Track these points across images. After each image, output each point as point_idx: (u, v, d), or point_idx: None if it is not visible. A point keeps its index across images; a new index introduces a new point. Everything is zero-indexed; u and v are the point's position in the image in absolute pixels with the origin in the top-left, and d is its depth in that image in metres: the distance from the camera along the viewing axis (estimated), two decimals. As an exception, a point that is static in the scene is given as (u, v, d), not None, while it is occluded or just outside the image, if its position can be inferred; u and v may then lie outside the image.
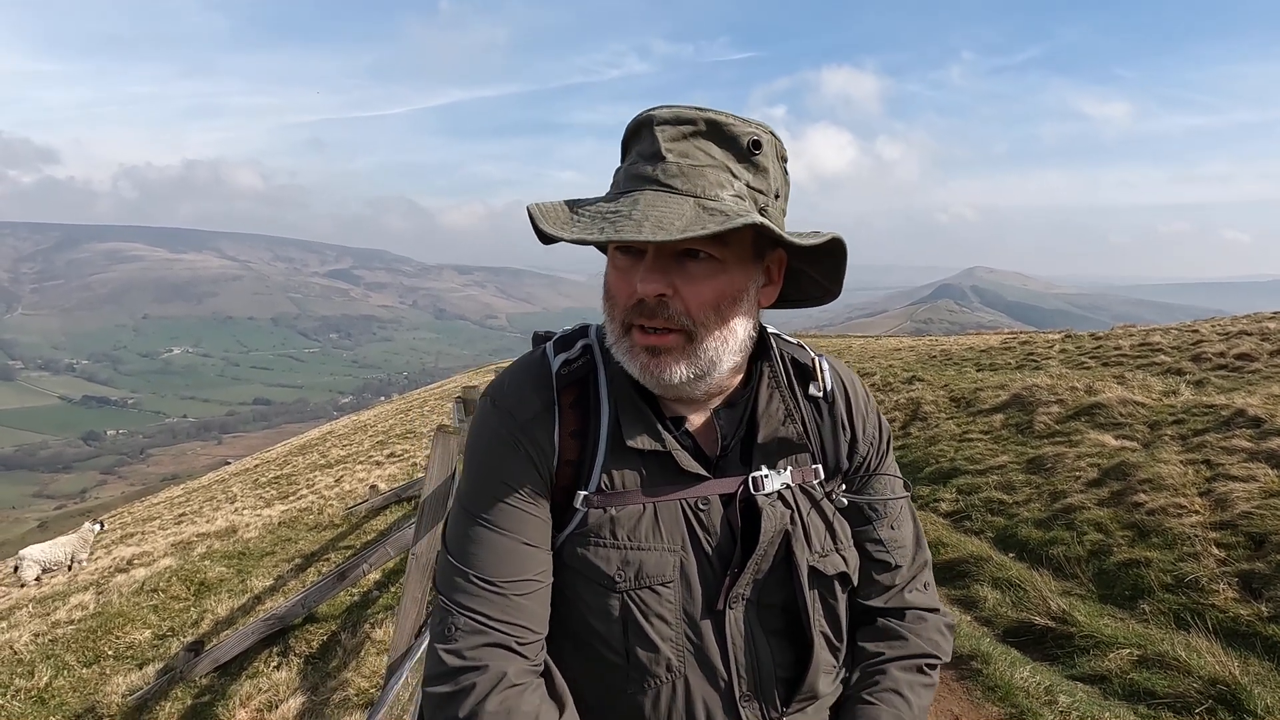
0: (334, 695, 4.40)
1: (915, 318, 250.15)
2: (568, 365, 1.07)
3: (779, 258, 1.06)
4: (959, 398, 10.01)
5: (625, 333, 0.99)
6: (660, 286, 0.94)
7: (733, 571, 1.01)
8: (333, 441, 27.53)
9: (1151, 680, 3.52)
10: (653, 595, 0.99)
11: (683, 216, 0.88)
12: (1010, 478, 6.75)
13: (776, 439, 1.07)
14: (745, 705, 1.02)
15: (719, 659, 1.01)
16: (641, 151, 0.96)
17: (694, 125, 0.94)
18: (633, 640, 0.99)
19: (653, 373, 0.98)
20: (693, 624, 1.01)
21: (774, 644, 1.04)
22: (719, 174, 0.93)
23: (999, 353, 15.43)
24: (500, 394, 1.07)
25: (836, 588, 1.08)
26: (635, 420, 1.03)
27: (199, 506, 17.82)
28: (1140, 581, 4.52)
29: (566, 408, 1.04)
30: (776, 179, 1.00)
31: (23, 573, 10.97)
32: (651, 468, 1.03)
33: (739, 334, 1.01)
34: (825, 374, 1.14)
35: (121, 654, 6.04)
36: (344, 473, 16.15)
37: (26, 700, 5.27)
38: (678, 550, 1.01)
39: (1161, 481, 5.48)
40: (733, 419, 1.07)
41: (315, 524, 10.08)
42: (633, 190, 0.93)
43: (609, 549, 1.00)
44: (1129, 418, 7.14)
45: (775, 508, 1.03)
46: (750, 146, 0.95)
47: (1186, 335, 12.49)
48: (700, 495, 1.03)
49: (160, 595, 7.33)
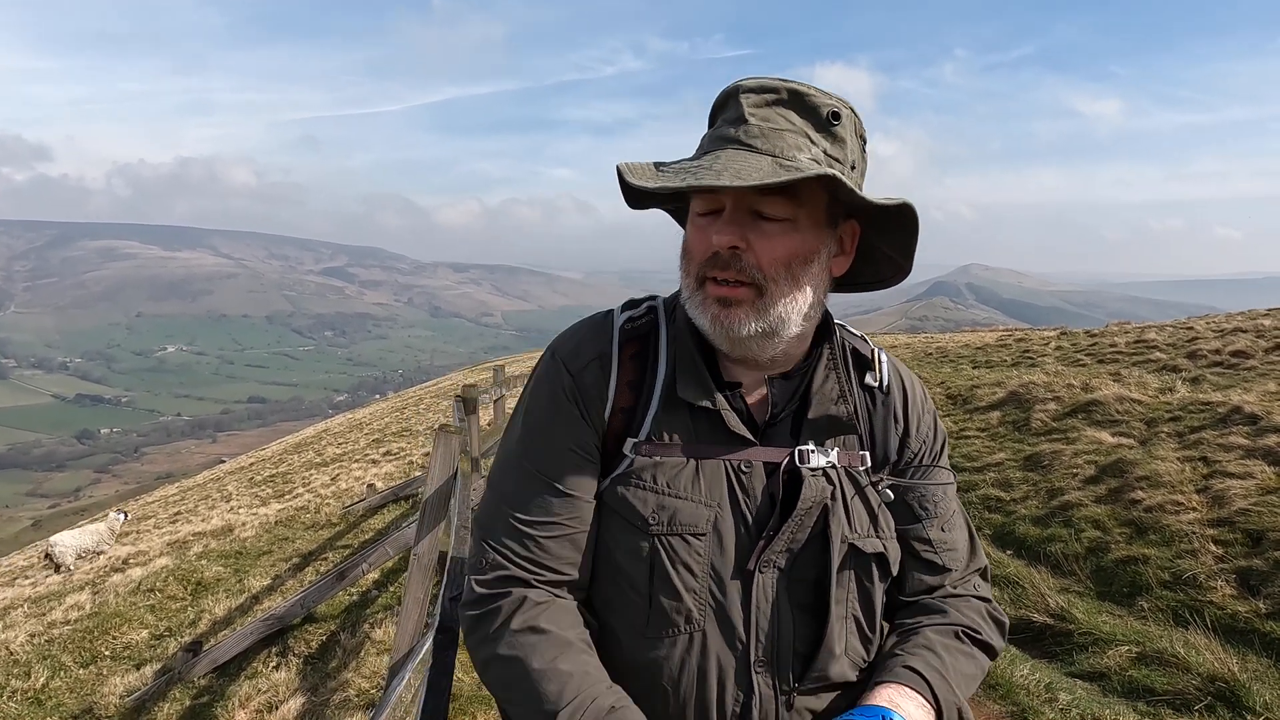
0: (334, 696, 4.39)
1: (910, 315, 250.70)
2: (631, 321, 1.13)
3: (851, 229, 1.09)
4: (956, 395, 10.03)
5: (699, 286, 1.03)
6: (734, 238, 0.98)
7: (767, 534, 1.03)
8: (328, 440, 27.47)
9: (1150, 677, 3.53)
10: (683, 544, 1.02)
11: (760, 170, 0.92)
12: (1007, 475, 6.77)
13: (827, 417, 1.08)
14: (759, 672, 1.02)
15: (740, 621, 1.02)
16: (727, 118, 1.01)
17: (777, 94, 0.99)
18: (657, 585, 1.02)
19: (723, 324, 1.01)
20: (719, 581, 1.02)
21: (799, 618, 1.05)
22: (797, 138, 0.98)
23: (995, 350, 15.46)
24: (560, 346, 1.13)
25: (874, 570, 1.08)
26: (690, 376, 1.06)
27: (194, 505, 17.77)
28: (1138, 578, 4.53)
29: (626, 360, 1.09)
30: (854, 152, 1.03)
31: (60, 558, 10.98)
32: (700, 425, 1.06)
33: (808, 296, 1.04)
34: (884, 366, 1.16)
35: (118, 654, 6.02)
36: (340, 471, 16.12)
37: (23, 701, 5.26)
38: (714, 506, 1.03)
39: (1159, 479, 5.50)
40: (786, 390, 1.10)
41: (312, 523, 10.05)
42: (715, 150, 0.98)
43: (647, 492, 1.03)
44: (1126, 415, 7.16)
45: (818, 480, 1.05)
46: (830, 117, 1.00)
47: (1182, 332, 12.54)
48: (746, 459, 1.05)
49: (157, 595, 7.31)
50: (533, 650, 0.98)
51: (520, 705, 0.98)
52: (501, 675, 1.00)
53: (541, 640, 0.99)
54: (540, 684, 0.96)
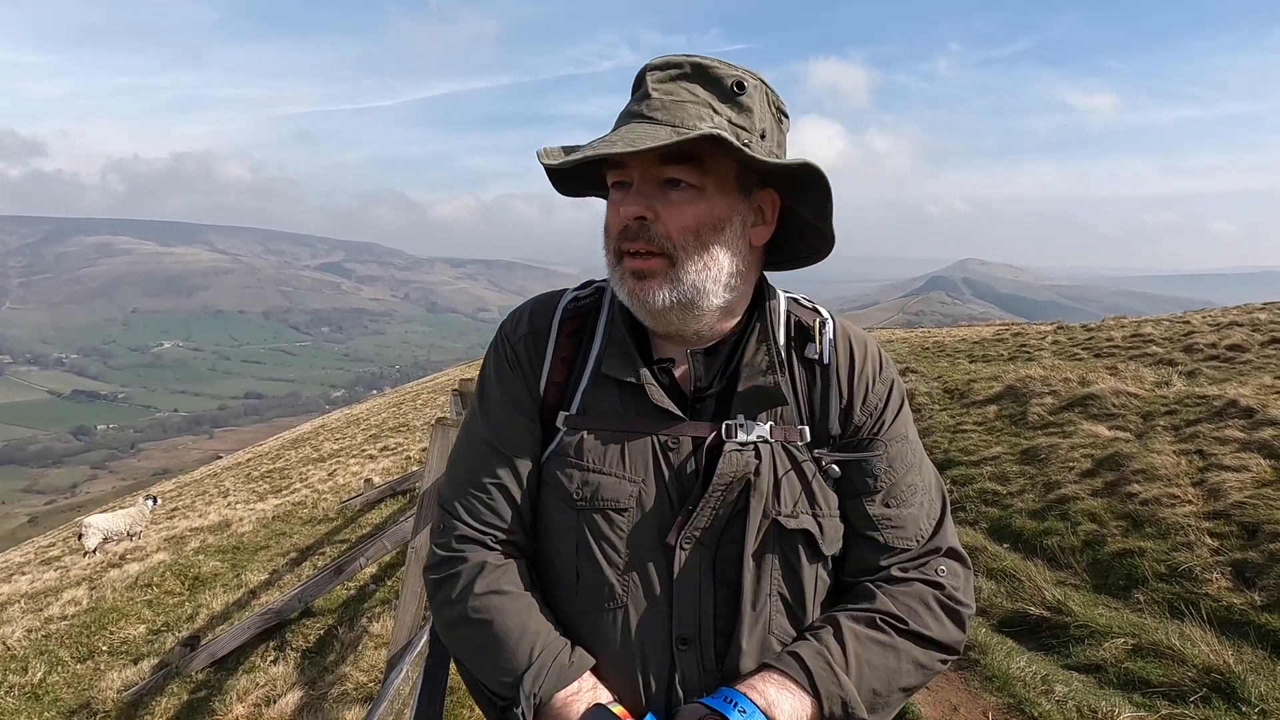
0: (332, 690, 4.39)
1: (907, 310, 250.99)
2: (576, 300, 1.16)
3: (770, 198, 1.08)
4: (952, 389, 10.04)
5: (618, 261, 1.04)
6: (640, 209, 1.00)
7: (686, 509, 1.02)
8: (325, 435, 27.45)
9: (1146, 669, 3.54)
10: (605, 520, 1.03)
11: (655, 138, 0.94)
12: (1004, 469, 6.78)
13: (755, 389, 1.06)
14: (681, 650, 1.01)
15: (662, 597, 1.02)
16: (635, 96, 1.03)
17: (680, 69, 1.01)
18: (582, 561, 1.04)
19: (639, 296, 1.03)
20: (641, 557, 1.03)
21: (721, 595, 1.03)
22: (700, 109, 0.98)
23: (992, 344, 15.48)
24: (507, 320, 1.18)
25: (800, 548, 1.05)
26: (618, 352, 1.08)
27: (191, 501, 17.75)
28: (1134, 571, 4.54)
29: (565, 336, 1.13)
30: (764, 121, 1.03)
31: (86, 540, 11.06)
32: (628, 400, 1.07)
33: (723, 265, 1.03)
34: (825, 337, 1.13)
35: (116, 649, 6.02)
36: (337, 466, 16.11)
37: (20, 696, 5.26)
38: (638, 481, 1.03)
39: (1155, 472, 5.51)
40: (711, 364, 1.09)
41: (309, 518, 10.06)
42: (620, 125, 1.00)
43: (573, 467, 1.05)
44: (1122, 408, 7.18)
45: (740, 455, 1.03)
46: (734, 87, 1.01)
47: (1178, 326, 12.57)
48: (673, 434, 1.05)
49: (154, 590, 7.31)
50: (498, 612, 1.01)
51: (487, 664, 1.01)
52: (468, 637, 1.03)
53: (506, 601, 1.02)
54: (506, 644, 0.99)
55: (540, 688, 0.96)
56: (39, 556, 15.41)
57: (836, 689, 0.96)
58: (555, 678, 0.97)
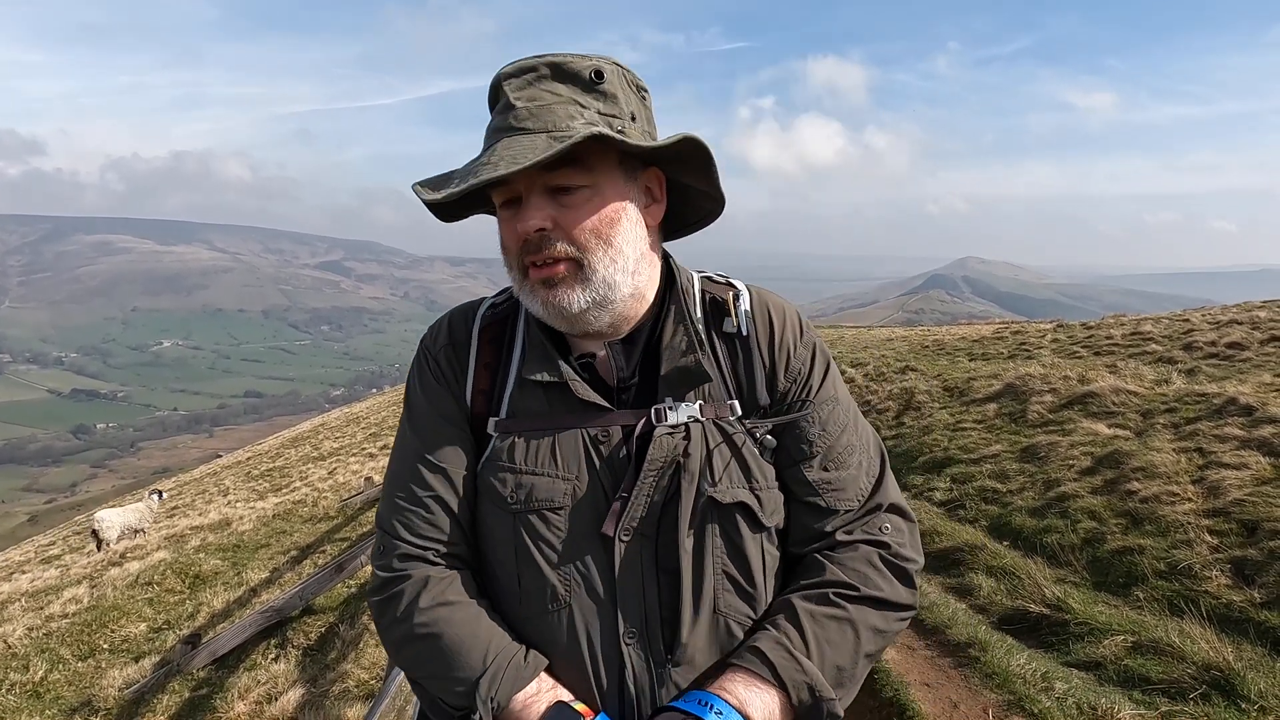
0: (333, 687, 4.40)
1: (907, 308, 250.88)
2: (494, 308, 1.16)
3: (655, 176, 1.09)
4: (952, 387, 10.05)
5: (525, 276, 1.03)
6: (539, 220, 0.99)
7: (620, 497, 1.01)
8: (325, 434, 27.47)
9: (1146, 666, 3.55)
10: (541, 520, 1.02)
11: (535, 149, 0.93)
12: (1004, 466, 6.79)
13: (678, 370, 1.06)
14: (628, 643, 1.00)
15: (605, 592, 1.01)
16: (497, 109, 1.02)
17: (536, 71, 1.00)
18: (522, 564, 1.02)
19: (553, 305, 1.01)
20: (581, 554, 1.01)
21: (665, 582, 1.02)
22: (567, 108, 0.98)
23: (991, 342, 15.48)
24: (427, 333, 1.18)
25: (739, 521, 1.04)
26: (538, 355, 1.07)
27: (191, 500, 17.77)
28: (1134, 569, 4.55)
29: (485, 343, 1.12)
30: (630, 103, 1.04)
31: (105, 534, 11.15)
32: (554, 399, 1.06)
33: (628, 254, 1.04)
34: (740, 309, 1.13)
35: (117, 648, 6.03)
36: (337, 465, 16.13)
37: (21, 694, 5.26)
38: (571, 479, 1.03)
39: (1154, 469, 5.52)
40: (631, 352, 1.09)
41: (310, 516, 10.07)
42: (492, 143, 0.99)
43: (506, 472, 1.04)
44: (1122, 406, 7.19)
45: (670, 438, 1.02)
46: (593, 77, 1.01)
47: (1178, 324, 12.57)
48: (603, 426, 1.04)
49: (155, 588, 7.32)
50: (446, 623, 0.99)
51: (441, 679, 0.99)
52: (420, 654, 1.01)
53: (453, 611, 1.00)
54: (459, 654, 0.98)
55: (497, 691, 0.95)
56: (39, 555, 15.43)
57: (801, 675, 0.96)
58: (512, 680, 0.96)
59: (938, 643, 4.14)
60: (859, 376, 12.71)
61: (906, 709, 3.46)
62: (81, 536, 16.49)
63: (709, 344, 1.11)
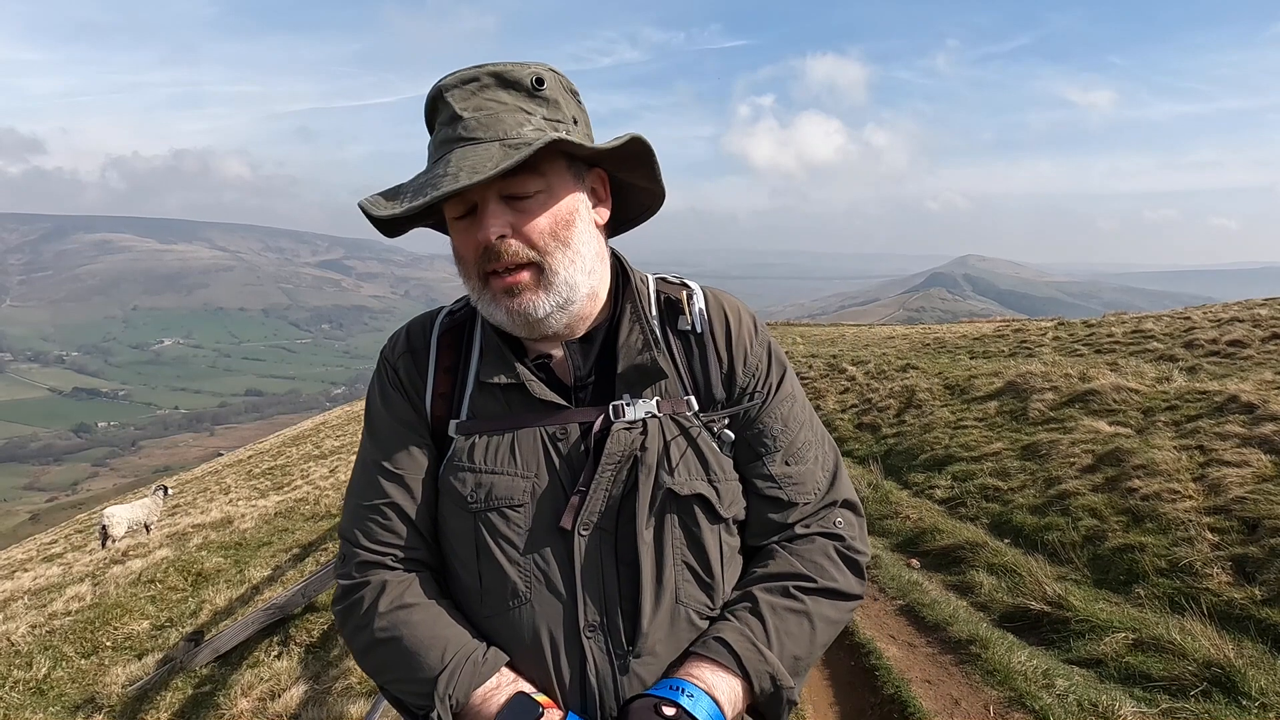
0: (336, 684, 4.41)
1: (908, 306, 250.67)
2: (451, 315, 1.18)
3: (599, 176, 1.12)
4: (953, 385, 10.05)
5: (485, 285, 1.05)
6: (499, 227, 1.00)
7: (579, 491, 1.03)
8: (326, 432, 27.49)
9: (1147, 663, 3.56)
10: (501, 518, 1.04)
11: (492, 159, 0.95)
12: (1005, 464, 6.80)
13: (634, 368, 1.08)
14: (589, 637, 1.02)
15: (564, 586, 1.03)
16: (442, 120, 1.03)
17: (479, 81, 1.02)
18: (483, 563, 1.04)
19: (518, 311, 1.03)
20: (541, 550, 1.03)
21: (624, 574, 1.04)
22: (514, 115, 1.01)
23: (992, 340, 15.49)
24: (387, 343, 1.20)
25: (697, 512, 1.06)
26: (494, 358, 1.09)
27: (193, 498, 17.79)
28: (1135, 566, 4.56)
29: (444, 348, 1.14)
30: (570, 108, 1.07)
31: (112, 530, 11.23)
32: (513, 400, 1.08)
33: (585, 254, 1.06)
34: (694, 308, 1.15)
35: (120, 645, 6.04)
36: (339, 463, 16.14)
37: (25, 691, 5.27)
38: (531, 476, 1.05)
39: (1155, 467, 5.52)
40: (587, 351, 1.12)
41: (312, 514, 10.08)
42: (442, 154, 1.00)
43: (466, 472, 1.06)
44: (1123, 404, 7.19)
45: (628, 433, 1.05)
46: (534, 84, 1.03)
47: (1179, 322, 12.56)
48: (560, 424, 1.07)
49: (157, 586, 7.33)
50: (405, 625, 1.01)
51: (403, 681, 1.01)
52: (381, 658, 1.03)
53: (411, 613, 1.02)
54: (418, 654, 0.99)
55: (455, 688, 0.97)
56: (41, 553, 15.45)
57: (763, 665, 1.00)
58: (470, 676, 0.98)
59: (939, 640, 4.15)
60: (860, 375, 12.72)
61: (908, 705, 3.47)
62: (84, 534, 16.53)
63: (665, 341, 1.13)
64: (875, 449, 8.84)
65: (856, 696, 3.79)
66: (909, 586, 4.91)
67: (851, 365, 13.71)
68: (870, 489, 7.15)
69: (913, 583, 4.99)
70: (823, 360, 15.30)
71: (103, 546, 11.43)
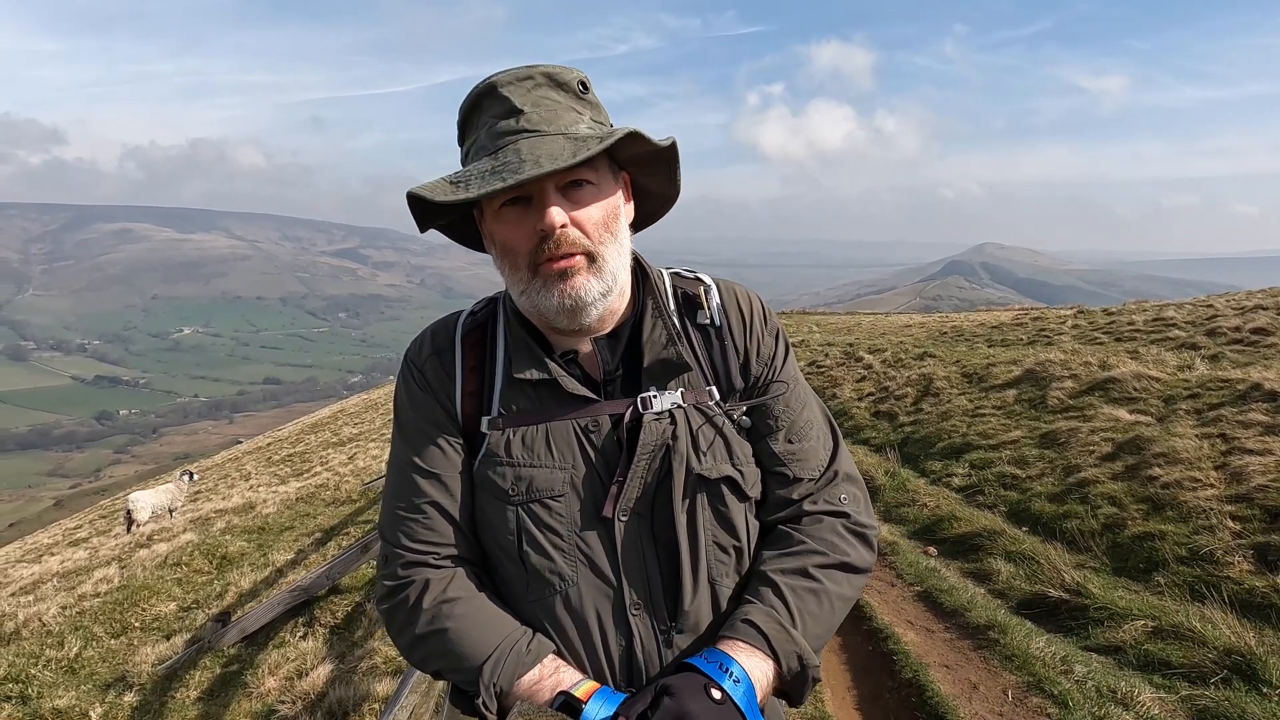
0: (361, 664, 4.49)
1: (924, 295, 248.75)
2: (472, 316, 1.23)
3: (624, 179, 1.18)
4: (971, 373, 10.01)
5: (534, 273, 1.07)
6: (561, 216, 1.04)
7: (618, 481, 1.09)
8: (344, 420, 27.74)
9: (1167, 651, 3.56)
10: (543, 508, 1.09)
11: (564, 149, 0.99)
12: (1023, 453, 6.77)
13: (659, 362, 1.14)
14: (635, 614, 1.08)
15: (609, 568, 1.09)
16: (496, 114, 1.06)
17: (533, 79, 1.07)
18: (527, 549, 1.09)
19: (570, 294, 1.06)
20: (584, 535, 1.09)
21: (664, 555, 1.10)
22: (569, 113, 1.07)
23: (1010, 329, 15.38)
24: (410, 347, 1.24)
25: (725, 493, 1.13)
26: (523, 355, 1.14)
27: (214, 484, 18.03)
28: (1155, 554, 4.55)
29: (469, 348, 1.18)
30: (604, 112, 1.14)
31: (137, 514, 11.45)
32: (544, 395, 1.13)
33: (626, 247, 1.13)
34: (712, 302, 1.22)
35: (148, 625, 6.17)
36: (357, 450, 16.30)
37: (58, 670, 5.40)
38: (568, 467, 1.10)
39: (1176, 455, 5.50)
40: (614, 346, 1.17)
41: (332, 499, 10.21)
42: (506, 144, 1.03)
43: (505, 466, 1.11)
44: (1143, 392, 7.14)
45: (659, 423, 1.11)
46: (580, 87, 1.10)
47: (1201, 310, 12.43)
48: (591, 417, 1.12)
49: (183, 569, 7.46)
50: (448, 618, 1.07)
51: (453, 670, 1.06)
52: (428, 650, 1.08)
53: (454, 607, 1.08)
54: (462, 645, 1.05)
55: (499, 676, 1.02)
56: (67, 538, 15.73)
57: (791, 646, 1.05)
58: (514, 665, 1.02)
59: (956, 625, 4.17)
60: (877, 363, 12.68)
61: (926, 689, 3.50)
62: (108, 519, 16.80)
63: (685, 335, 1.19)
64: (892, 437, 8.83)
65: (874, 680, 3.82)
66: (926, 573, 4.92)
67: (868, 353, 13.66)
68: (887, 477, 7.15)
69: (930, 569, 5.00)
70: (839, 349, 15.26)
71: (127, 531, 11.66)
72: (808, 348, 16.15)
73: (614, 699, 0.99)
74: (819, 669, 1.07)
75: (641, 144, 1.07)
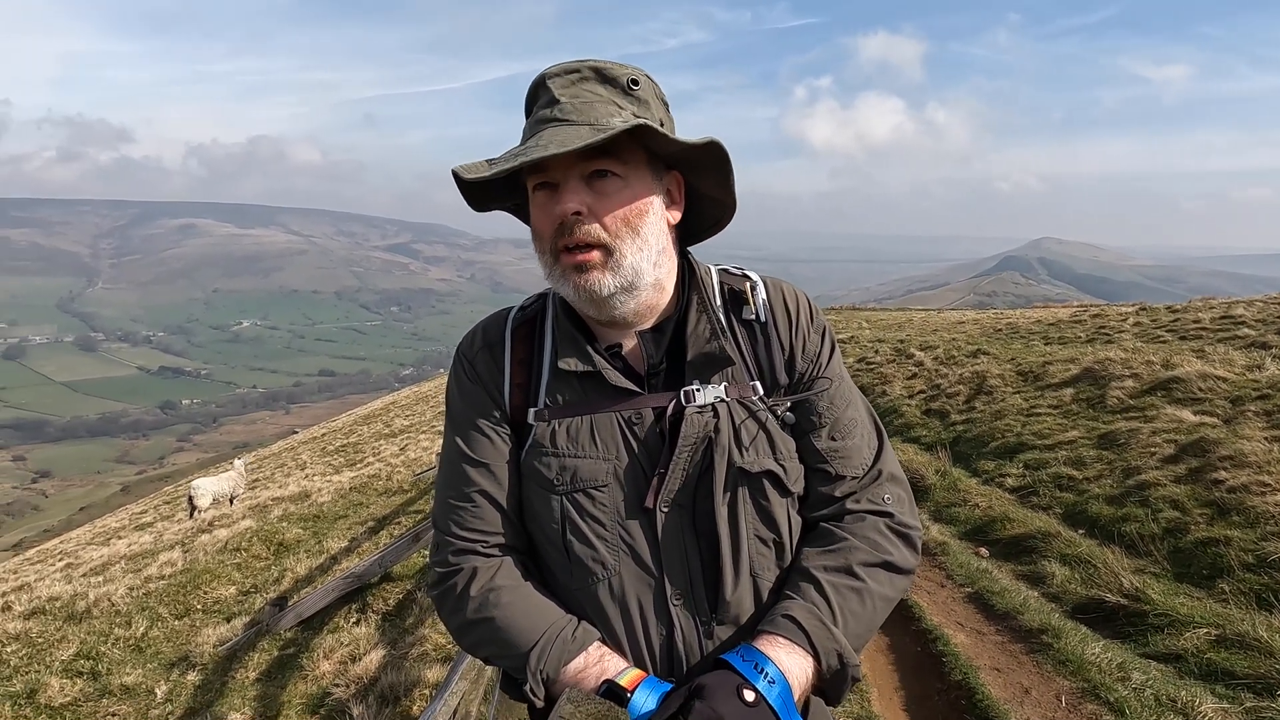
0: (412, 650, 4.60)
1: (979, 290, 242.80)
2: (523, 310, 1.25)
3: (676, 179, 1.19)
4: (1026, 371, 9.76)
5: (556, 260, 1.11)
6: (576, 203, 1.06)
7: (659, 472, 1.10)
8: (396, 412, 28.30)
9: (1230, 660, 3.44)
10: (587, 498, 1.11)
11: (581, 137, 1.01)
12: (1080, 453, 6.59)
13: (703, 356, 1.15)
14: (676, 604, 1.10)
15: (651, 559, 1.11)
16: (541, 104, 1.11)
17: (580, 73, 1.10)
18: (570, 538, 1.12)
19: (583, 288, 1.09)
20: (626, 525, 1.11)
21: (705, 546, 1.11)
22: (607, 106, 1.08)
23: (1068, 326, 14.96)
24: (462, 341, 1.27)
25: (767, 487, 1.13)
26: (569, 347, 1.16)
27: (271, 473, 18.57)
28: (1219, 560, 4.39)
29: (519, 341, 1.21)
30: (658, 112, 1.14)
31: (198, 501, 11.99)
32: (588, 387, 1.15)
33: (652, 244, 1.12)
34: (758, 298, 1.22)
35: (210, 608, 6.41)
36: (408, 441, 16.62)
37: (125, 648, 5.65)
38: (612, 459, 1.12)
39: (1244, 458, 5.29)
40: (659, 340, 1.18)
41: (385, 489, 10.43)
42: (537, 131, 1.07)
43: (550, 457, 1.13)
44: (1209, 393, 6.89)
45: (701, 416, 1.12)
46: (629, 84, 1.11)
47: (1272, 308, 11.91)
48: (635, 409, 1.14)
49: (242, 554, 7.73)
50: (495, 606, 1.10)
51: (502, 656, 1.10)
52: (477, 636, 1.12)
53: (501, 594, 1.11)
54: (510, 632, 1.08)
55: (545, 664, 1.04)
56: (133, 522, 16.39)
57: (832, 643, 1.05)
58: (559, 653, 1.05)
59: (1008, 628, 4.09)
60: (928, 360, 12.45)
61: (975, 692, 3.44)
62: (172, 505, 17.45)
63: (730, 330, 1.20)
64: (943, 436, 8.67)
65: (923, 682, 3.77)
66: (977, 574, 4.84)
67: (919, 350, 13.42)
68: (937, 476, 7.03)
69: (981, 570, 4.91)
70: (889, 345, 15.02)
71: (190, 517, 12.10)
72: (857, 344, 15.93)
73: (660, 689, 1.00)
74: (859, 668, 1.07)
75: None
